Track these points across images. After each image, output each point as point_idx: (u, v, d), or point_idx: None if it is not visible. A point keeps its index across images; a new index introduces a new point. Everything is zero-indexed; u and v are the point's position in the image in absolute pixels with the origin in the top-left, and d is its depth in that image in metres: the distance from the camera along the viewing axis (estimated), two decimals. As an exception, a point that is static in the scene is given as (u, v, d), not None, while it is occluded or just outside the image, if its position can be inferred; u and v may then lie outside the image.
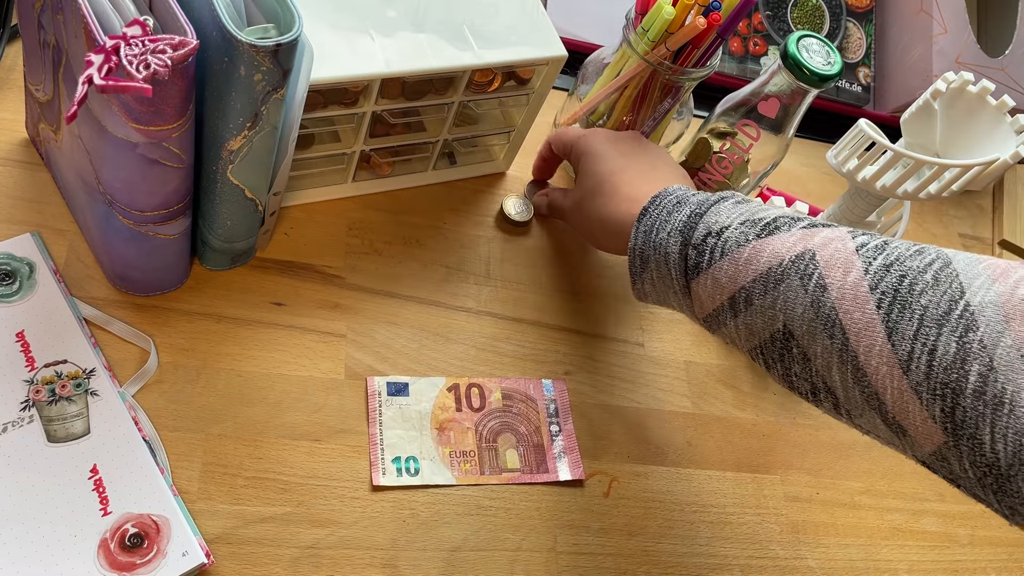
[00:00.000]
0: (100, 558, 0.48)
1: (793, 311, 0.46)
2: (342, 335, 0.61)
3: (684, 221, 0.53)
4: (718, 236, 0.51)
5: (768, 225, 0.50)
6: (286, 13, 0.45)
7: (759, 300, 0.48)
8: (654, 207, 0.55)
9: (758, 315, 0.48)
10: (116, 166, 0.47)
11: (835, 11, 0.96)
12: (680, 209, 0.54)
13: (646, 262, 0.54)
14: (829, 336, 0.44)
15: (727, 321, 0.50)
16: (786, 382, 0.49)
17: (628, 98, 0.71)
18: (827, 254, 0.46)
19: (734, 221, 0.51)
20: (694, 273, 0.51)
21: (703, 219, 0.52)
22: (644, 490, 0.63)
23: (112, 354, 0.55)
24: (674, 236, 0.53)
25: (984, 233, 0.92)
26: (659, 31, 0.64)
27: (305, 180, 0.65)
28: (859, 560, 0.65)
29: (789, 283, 0.46)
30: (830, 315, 0.44)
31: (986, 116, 0.64)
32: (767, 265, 0.48)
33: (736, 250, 0.49)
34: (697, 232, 0.52)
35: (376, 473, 0.56)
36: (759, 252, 0.48)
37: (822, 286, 0.45)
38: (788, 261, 0.47)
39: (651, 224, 0.54)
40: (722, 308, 0.50)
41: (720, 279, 0.50)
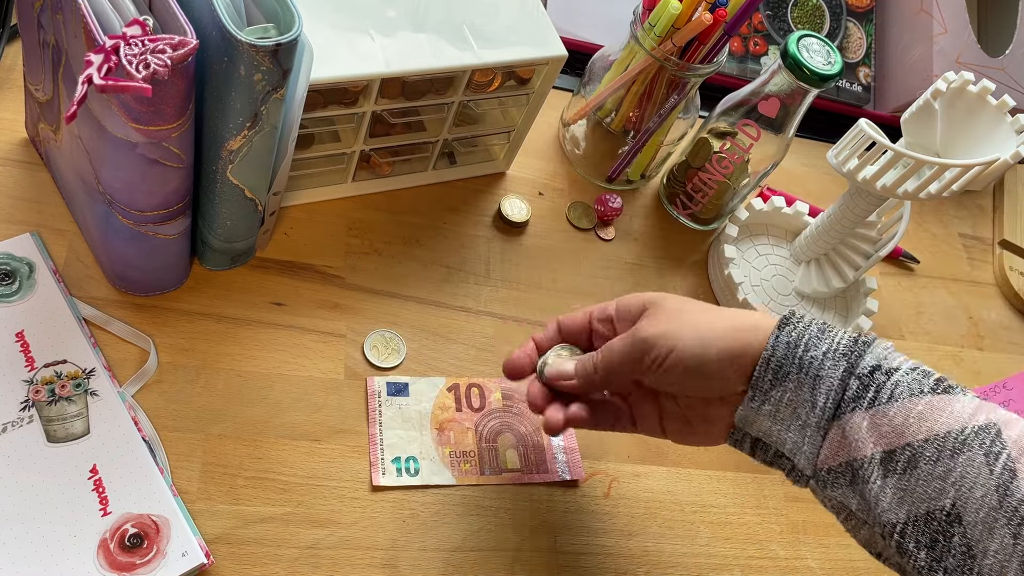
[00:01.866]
0: (100, 558, 0.48)
1: (970, 492, 0.39)
2: (342, 335, 0.61)
3: (847, 344, 0.44)
4: (888, 375, 0.43)
5: (942, 381, 0.43)
6: (286, 13, 0.45)
7: (927, 466, 0.40)
8: (796, 319, 0.46)
9: (921, 483, 0.40)
10: (116, 166, 0.47)
11: (835, 11, 0.96)
12: (832, 331, 0.45)
13: (783, 379, 0.44)
14: (1013, 535, 0.37)
15: (870, 479, 0.42)
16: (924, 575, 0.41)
17: (635, 94, 0.71)
18: (1015, 434, 0.40)
19: (903, 365, 0.43)
20: (849, 407, 0.43)
21: (870, 348, 0.44)
22: (644, 490, 0.62)
23: (112, 354, 0.55)
24: (834, 358, 0.44)
25: (984, 233, 0.92)
26: (666, 26, 0.64)
27: (305, 180, 0.65)
28: (859, 560, 0.65)
29: (971, 456, 0.39)
30: (1018, 509, 0.37)
31: (986, 116, 0.64)
32: (945, 428, 0.40)
33: (908, 399, 0.42)
34: (864, 361, 0.43)
35: (376, 473, 0.56)
36: (936, 409, 0.41)
37: (1011, 471, 0.38)
38: (971, 431, 0.40)
39: (797, 336, 0.45)
40: (869, 461, 0.42)
41: (881, 426, 0.42)
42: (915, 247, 0.87)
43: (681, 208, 0.78)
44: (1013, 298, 0.87)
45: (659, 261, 0.75)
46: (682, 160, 0.77)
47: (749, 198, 0.77)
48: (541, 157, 0.77)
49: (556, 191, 0.76)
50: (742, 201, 0.76)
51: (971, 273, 0.88)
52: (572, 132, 0.78)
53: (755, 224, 0.79)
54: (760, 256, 0.77)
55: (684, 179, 0.76)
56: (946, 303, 0.85)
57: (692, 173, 0.75)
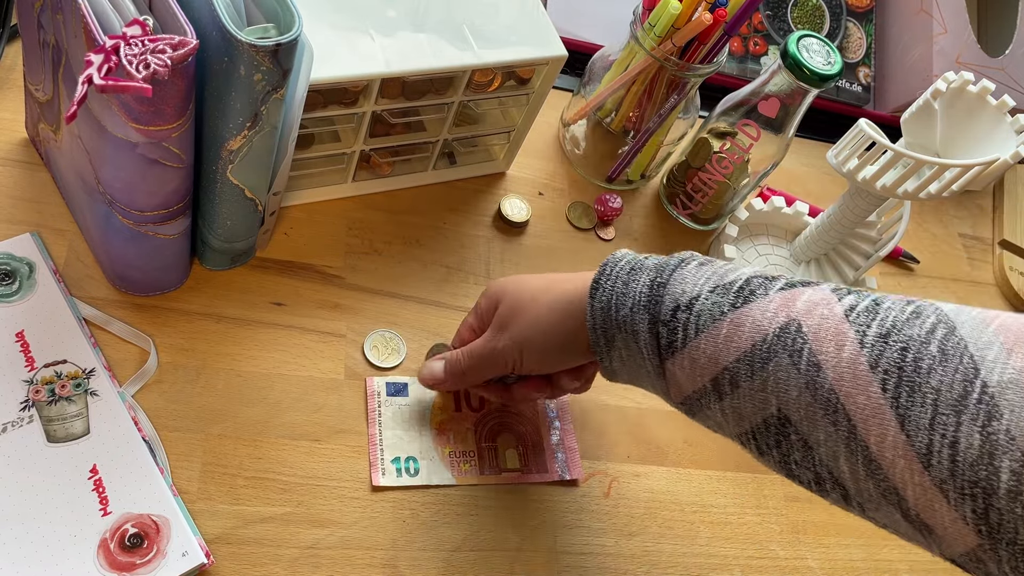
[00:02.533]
0: (100, 558, 0.48)
1: (787, 394, 0.41)
2: (342, 335, 0.61)
3: (646, 293, 0.46)
4: (688, 309, 0.45)
5: (741, 290, 0.44)
6: (286, 13, 0.45)
7: (746, 382, 0.42)
8: (605, 278, 0.48)
9: (746, 398, 0.43)
10: (116, 166, 0.47)
11: (835, 11, 0.96)
12: (636, 276, 0.47)
13: (611, 341, 0.48)
14: (832, 423, 0.39)
15: (711, 405, 0.45)
16: (784, 470, 0.44)
17: (635, 94, 0.71)
18: (814, 323, 0.41)
19: (702, 289, 0.45)
20: (668, 353, 0.45)
21: (667, 288, 0.46)
22: (644, 490, 0.62)
23: (112, 354, 0.55)
24: (639, 312, 0.46)
25: (984, 233, 0.92)
26: (666, 26, 0.64)
27: (305, 180, 0.65)
28: (859, 560, 0.65)
29: (778, 361, 0.41)
30: (829, 398, 0.39)
31: (986, 116, 0.64)
32: (750, 341, 0.42)
33: (712, 325, 0.44)
34: (664, 306, 0.45)
35: (376, 473, 0.56)
36: (738, 326, 0.43)
37: (815, 364, 0.40)
38: (772, 336, 0.42)
39: (607, 299, 0.48)
40: (704, 391, 0.45)
41: (698, 359, 0.44)
42: (915, 247, 0.87)
43: (681, 208, 0.78)
44: (1013, 298, 0.87)
45: (659, 261, 0.75)
46: (682, 160, 0.77)
47: (749, 198, 0.77)
48: (541, 157, 0.77)
49: (556, 191, 0.76)
50: (742, 201, 0.76)
51: (971, 273, 0.88)
52: (572, 132, 0.78)
53: (755, 224, 0.79)
54: (760, 256, 0.77)
55: (684, 179, 0.76)
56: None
57: (692, 173, 0.75)
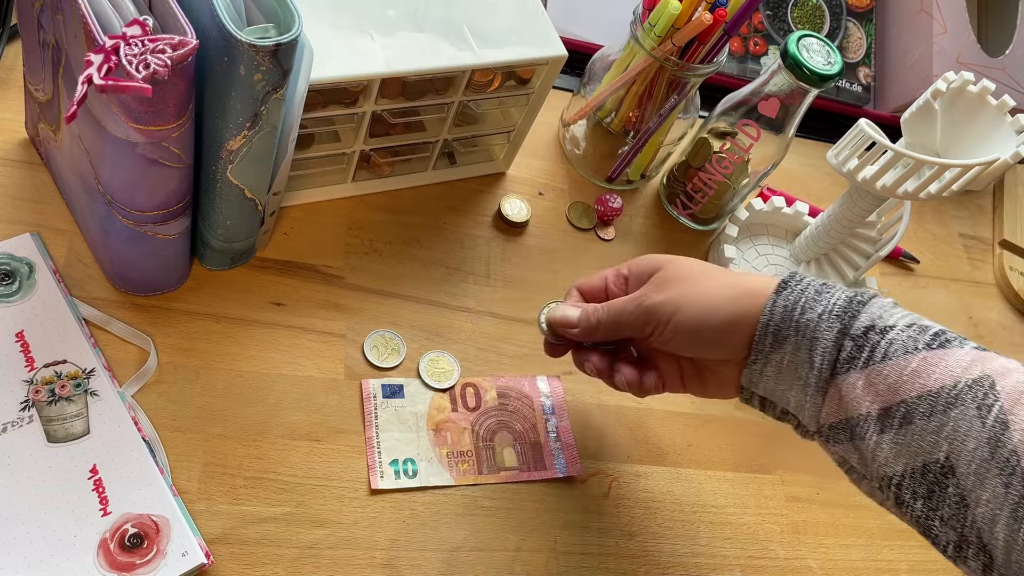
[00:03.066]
0: (100, 558, 0.48)
1: (963, 444, 0.40)
2: (342, 335, 0.61)
3: (842, 305, 0.45)
4: (882, 334, 0.44)
5: (938, 336, 0.43)
6: (286, 13, 0.45)
7: (921, 421, 0.41)
8: (795, 282, 0.47)
9: (915, 438, 0.41)
10: (116, 166, 0.47)
11: (835, 11, 0.96)
12: (830, 291, 0.46)
13: (781, 343, 0.46)
14: (1004, 484, 0.38)
15: (867, 436, 0.43)
16: (923, 525, 0.42)
17: (635, 94, 0.71)
18: (1009, 385, 0.40)
19: (899, 322, 0.44)
20: (844, 368, 0.44)
21: (865, 308, 0.45)
22: (644, 490, 0.62)
23: (112, 354, 0.55)
24: (829, 320, 0.45)
25: (984, 233, 0.92)
26: (665, 26, 0.64)
27: (305, 180, 0.65)
28: (859, 560, 0.65)
29: (964, 410, 0.40)
30: (1010, 460, 0.38)
31: (986, 116, 0.64)
32: (939, 383, 0.41)
33: (903, 356, 0.43)
34: (858, 322, 0.44)
35: (374, 476, 0.56)
36: (931, 365, 0.42)
37: (1003, 423, 0.39)
38: (964, 385, 0.41)
39: (794, 300, 0.46)
40: (866, 418, 0.43)
41: (876, 384, 0.43)
42: (915, 247, 0.87)
43: (681, 208, 0.78)
44: (1013, 298, 0.87)
45: (659, 261, 0.75)
46: (682, 160, 0.77)
47: (749, 198, 0.77)
48: (541, 157, 0.77)
49: (556, 191, 0.76)
50: (742, 201, 0.76)
51: (971, 273, 0.88)
52: (572, 132, 0.78)
53: (755, 224, 0.79)
54: (760, 256, 0.77)
55: (684, 179, 0.76)
56: (946, 303, 0.85)
57: (692, 173, 0.75)
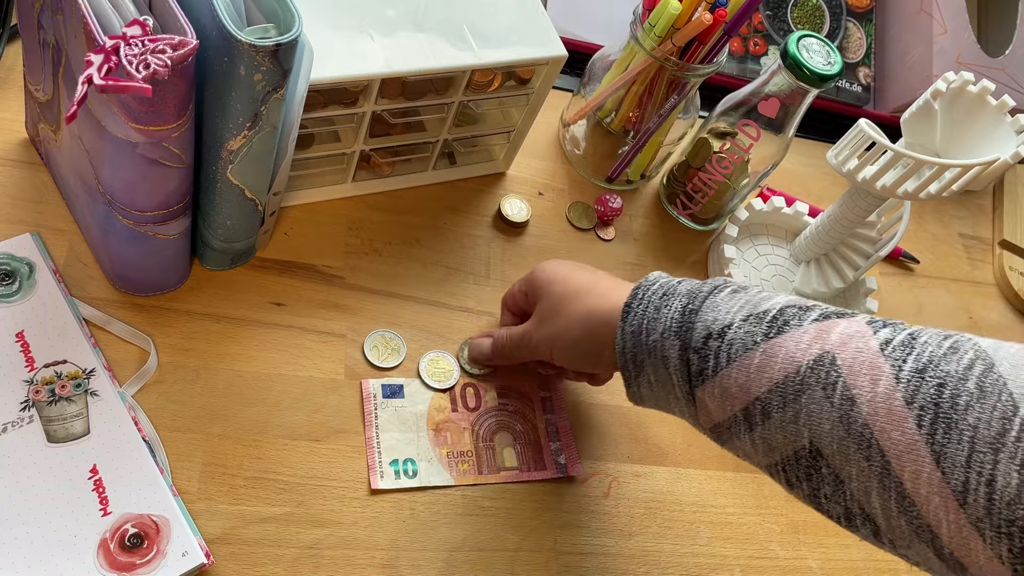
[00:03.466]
0: (100, 558, 0.48)
1: (820, 427, 0.41)
2: (342, 335, 0.61)
3: (678, 319, 0.47)
4: (720, 338, 0.45)
5: (775, 320, 0.44)
6: (286, 13, 0.45)
7: (778, 413, 0.42)
8: (637, 302, 0.49)
9: (778, 430, 0.43)
10: (116, 166, 0.47)
11: (835, 11, 0.96)
12: (668, 302, 0.48)
13: (640, 366, 0.48)
14: (865, 458, 0.39)
15: (740, 435, 0.45)
16: (814, 503, 0.43)
17: (635, 94, 0.71)
18: (848, 356, 0.41)
19: (735, 317, 0.45)
20: (698, 380, 0.46)
21: (699, 315, 0.46)
22: (644, 490, 0.62)
23: (112, 354, 0.55)
24: (669, 338, 0.46)
25: (984, 233, 0.92)
26: (665, 26, 0.64)
27: (305, 180, 0.65)
28: (859, 560, 0.65)
29: (811, 394, 0.41)
30: (863, 433, 0.39)
31: (986, 116, 0.64)
32: (783, 373, 0.42)
33: (744, 355, 0.44)
34: (696, 333, 0.46)
35: (374, 477, 0.56)
36: (771, 356, 0.43)
37: (849, 398, 0.40)
38: (806, 368, 0.42)
39: (638, 324, 0.48)
40: (734, 420, 0.45)
41: (729, 388, 0.44)
42: (915, 247, 0.87)
43: (681, 208, 0.78)
44: (1013, 298, 0.87)
45: (659, 261, 0.75)
46: (682, 160, 0.77)
47: (749, 198, 0.77)
48: (541, 157, 0.77)
49: (556, 191, 0.76)
50: (742, 201, 0.76)
51: (971, 273, 0.88)
52: (572, 132, 0.78)
53: (755, 224, 0.79)
54: (760, 256, 0.77)
55: (684, 179, 0.76)
56: (946, 303, 0.85)
57: (692, 173, 0.75)
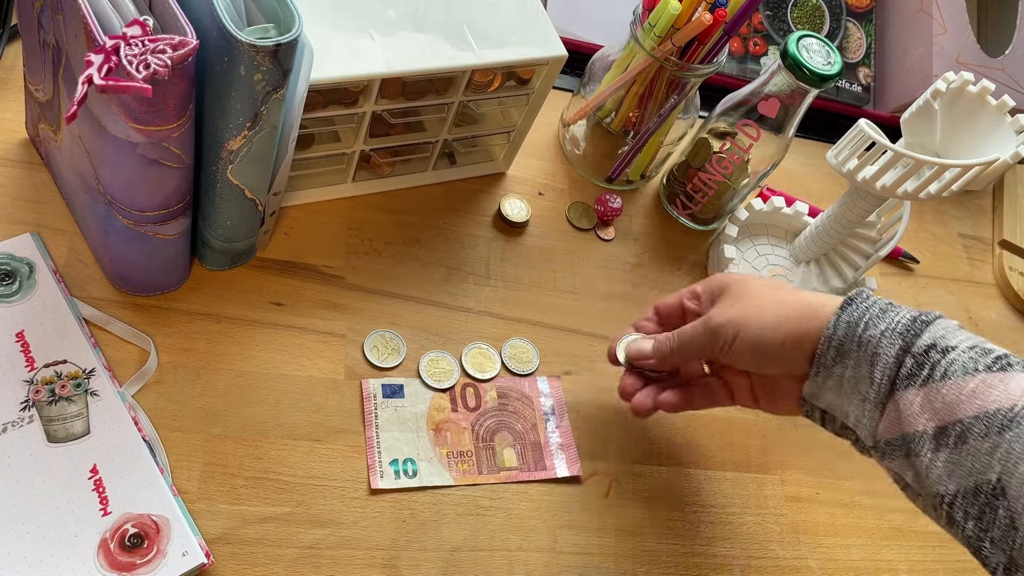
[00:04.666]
0: (100, 558, 0.48)
1: (1015, 467, 0.40)
2: (342, 335, 0.61)
3: (905, 324, 0.47)
4: (943, 353, 0.45)
5: (1000, 359, 0.44)
6: (286, 13, 0.45)
7: (975, 442, 0.42)
8: (860, 299, 0.49)
9: (968, 457, 0.42)
10: (116, 166, 0.47)
11: (835, 11, 0.96)
12: (896, 309, 0.48)
13: (843, 356, 0.48)
14: None
15: (922, 452, 0.44)
16: (974, 544, 0.43)
17: (635, 94, 0.71)
18: None
19: (962, 343, 0.45)
20: (903, 384, 0.45)
21: (929, 328, 0.46)
22: (644, 490, 0.63)
23: (112, 354, 0.55)
24: (891, 337, 0.46)
25: (984, 233, 0.92)
26: (665, 26, 0.64)
27: (305, 180, 0.65)
28: (859, 560, 0.65)
29: (1018, 433, 0.41)
30: None
31: (986, 116, 0.64)
32: (996, 404, 0.42)
33: (962, 376, 0.44)
34: (921, 339, 0.46)
35: (374, 476, 0.56)
36: (989, 387, 0.43)
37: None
38: (1021, 407, 0.41)
39: (858, 316, 0.48)
40: (922, 436, 0.44)
41: (934, 402, 0.44)
42: (915, 247, 0.87)
43: (681, 208, 0.78)
44: (1013, 298, 0.87)
45: (659, 261, 0.75)
46: (682, 160, 0.77)
47: (749, 198, 0.77)
48: (541, 157, 0.77)
49: (556, 191, 0.76)
50: (742, 201, 0.76)
51: (971, 273, 0.88)
52: (572, 132, 0.78)
53: (755, 224, 0.79)
54: (760, 256, 0.77)
55: (684, 179, 0.76)
56: (946, 303, 0.84)
57: (692, 173, 0.75)
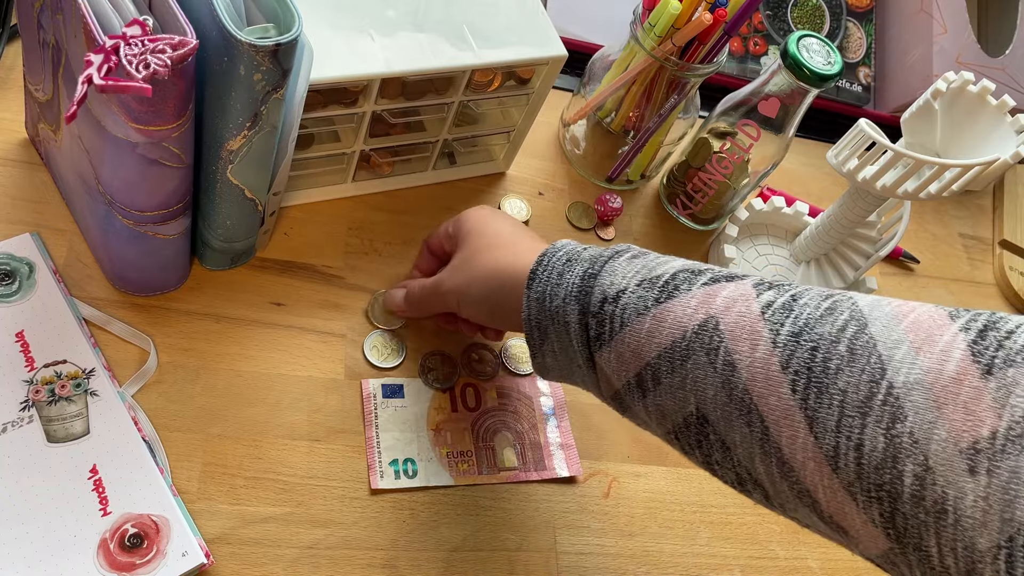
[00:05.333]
0: (100, 558, 0.48)
1: (704, 393, 0.41)
2: (342, 335, 0.61)
3: (578, 284, 0.46)
4: (615, 302, 0.44)
5: (667, 285, 0.44)
6: (286, 13, 0.45)
7: (667, 379, 0.42)
8: (542, 268, 0.49)
9: (667, 396, 0.42)
10: (116, 166, 0.47)
11: (835, 11, 0.96)
12: (571, 268, 0.47)
13: (545, 334, 0.48)
14: (747, 424, 0.39)
15: (636, 402, 0.45)
16: (708, 469, 0.43)
17: (635, 94, 0.71)
18: (731, 321, 0.40)
19: (630, 282, 0.45)
20: (597, 346, 0.45)
21: (598, 280, 0.46)
22: (644, 490, 0.62)
23: (112, 354, 0.55)
24: (570, 303, 0.46)
25: (984, 233, 0.92)
26: (665, 26, 0.64)
27: (305, 180, 0.65)
28: (859, 560, 0.64)
29: (696, 359, 0.41)
30: (744, 399, 0.39)
31: (986, 116, 0.64)
32: (671, 338, 0.42)
33: (636, 319, 0.43)
34: (594, 297, 0.45)
35: (374, 476, 0.56)
36: (661, 321, 0.42)
37: (730, 364, 0.39)
38: (691, 333, 0.41)
39: (542, 290, 0.48)
40: (629, 387, 0.44)
41: (624, 354, 0.44)
42: (915, 247, 0.87)
43: (681, 208, 0.78)
44: (1013, 298, 0.87)
45: (659, 261, 0.75)
46: (682, 160, 0.77)
47: (749, 198, 0.77)
48: (541, 157, 0.77)
49: (556, 191, 0.76)
50: (742, 201, 0.76)
51: (971, 273, 0.88)
52: (572, 132, 0.78)
53: (755, 224, 0.79)
54: (760, 256, 0.77)
55: (684, 179, 0.76)
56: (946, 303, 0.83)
57: (692, 173, 0.75)
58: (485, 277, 0.53)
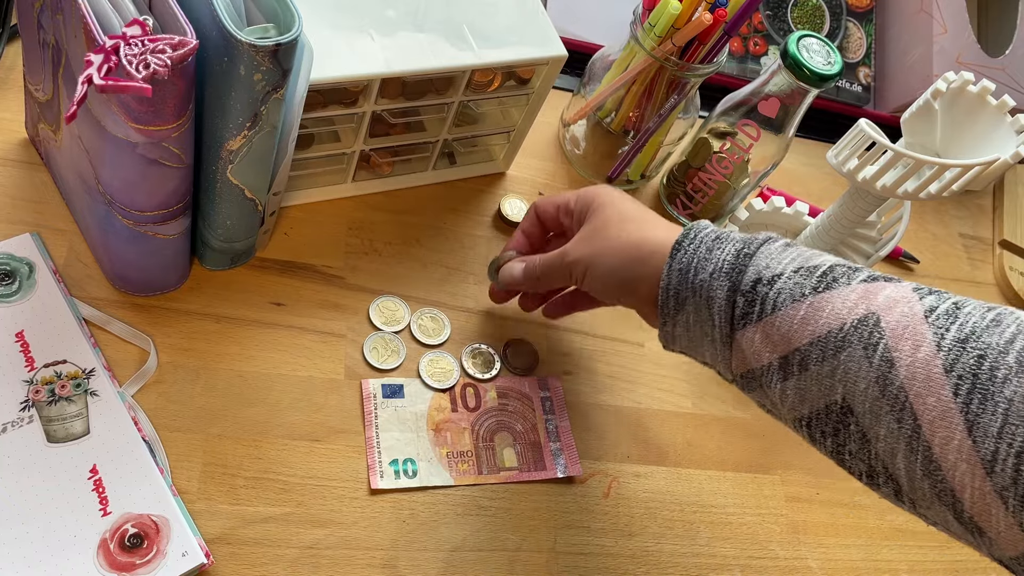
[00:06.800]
0: (100, 558, 0.48)
1: (855, 385, 0.41)
2: (342, 335, 0.61)
3: (730, 262, 0.47)
4: (770, 285, 0.45)
5: (825, 275, 0.45)
6: (286, 13, 0.45)
7: (815, 366, 0.43)
8: (689, 241, 0.49)
9: (813, 382, 0.43)
10: (116, 166, 0.47)
11: (835, 11, 0.96)
12: (721, 246, 0.48)
13: (682, 304, 0.49)
14: (897, 420, 0.40)
15: (772, 383, 0.45)
16: (836, 458, 0.44)
17: (635, 94, 0.71)
18: (893, 320, 0.41)
19: (787, 268, 0.46)
20: (741, 324, 0.46)
21: (752, 261, 0.47)
22: (644, 490, 0.62)
23: (112, 354, 0.55)
24: (719, 279, 0.47)
25: (984, 233, 0.92)
26: (665, 26, 0.64)
27: (305, 180, 0.65)
28: (859, 560, 0.65)
29: (851, 352, 0.42)
30: (898, 396, 0.40)
31: (986, 116, 0.64)
32: (826, 328, 0.43)
33: (791, 305, 0.44)
34: (746, 276, 0.46)
35: (374, 476, 0.56)
36: (817, 310, 0.44)
37: (889, 360, 0.40)
38: (850, 326, 0.42)
39: (687, 261, 0.49)
40: (769, 368, 0.45)
41: (772, 336, 0.45)
42: (915, 247, 0.87)
43: (681, 208, 0.78)
44: (1013, 298, 0.87)
45: (659, 261, 0.75)
46: (682, 160, 0.77)
47: (749, 198, 0.77)
48: (541, 157, 0.77)
49: (556, 191, 0.76)
50: (742, 201, 0.76)
51: (971, 273, 0.88)
52: (572, 132, 0.78)
53: (755, 224, 0.79)
54: (760, 256, 0.77)
55: (684, 179, 0.76)
56: (946, 303, 0.84)
57: (692, 173, 0.75)
58: (618, 248, 0.53)
